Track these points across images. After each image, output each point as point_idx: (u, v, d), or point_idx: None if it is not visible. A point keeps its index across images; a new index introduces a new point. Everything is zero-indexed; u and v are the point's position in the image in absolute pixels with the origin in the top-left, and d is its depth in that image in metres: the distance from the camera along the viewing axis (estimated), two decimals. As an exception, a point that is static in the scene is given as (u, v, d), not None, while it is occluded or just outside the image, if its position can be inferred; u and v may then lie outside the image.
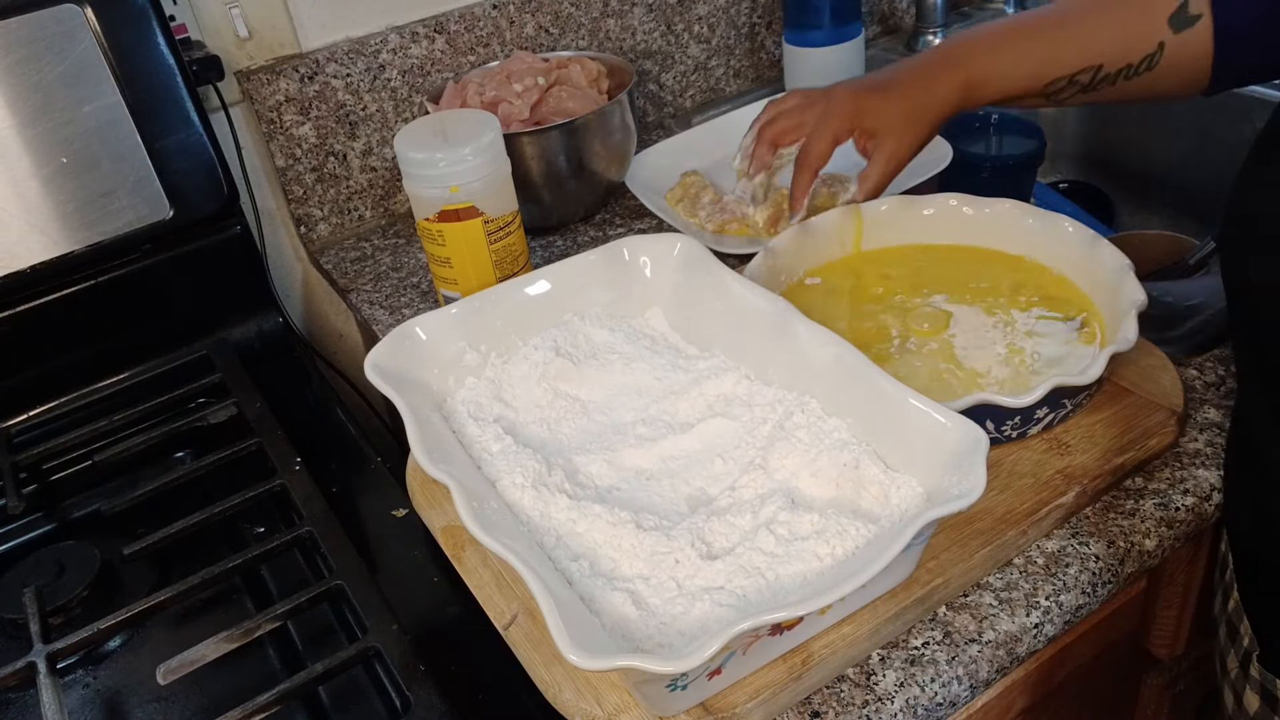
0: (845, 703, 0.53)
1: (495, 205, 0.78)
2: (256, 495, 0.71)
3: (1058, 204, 1.08)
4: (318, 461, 0.74)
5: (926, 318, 0.71)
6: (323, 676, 0.57)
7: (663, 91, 1.20)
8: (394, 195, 1.08)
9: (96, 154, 0.82)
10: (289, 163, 1.00)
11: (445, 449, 0.59)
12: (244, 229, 0.93)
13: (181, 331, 0.91)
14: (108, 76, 0.82)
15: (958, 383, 0.65)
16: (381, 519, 0.71)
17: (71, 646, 0.61)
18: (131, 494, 0.73)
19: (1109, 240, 0.69)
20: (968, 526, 0.58)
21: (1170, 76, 0.65)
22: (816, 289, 0.76)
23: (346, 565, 0.63)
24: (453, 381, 0.67)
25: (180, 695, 0.61)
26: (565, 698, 0.52)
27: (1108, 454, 0.62)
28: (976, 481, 0.49)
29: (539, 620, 0.54)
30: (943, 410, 0.53)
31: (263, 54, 0.97)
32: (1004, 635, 0.55)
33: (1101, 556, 0.59)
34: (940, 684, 0.53)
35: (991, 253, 0.76)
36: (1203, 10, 0.62)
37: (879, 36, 1.33)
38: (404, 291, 0.94)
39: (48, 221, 0.82)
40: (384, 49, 1.00)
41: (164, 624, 0.67)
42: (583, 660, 0.43)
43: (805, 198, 0.77)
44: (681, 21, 1.17)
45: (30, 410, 0.85)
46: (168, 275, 0.89)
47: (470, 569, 0.61)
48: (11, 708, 0.63)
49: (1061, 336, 0.68)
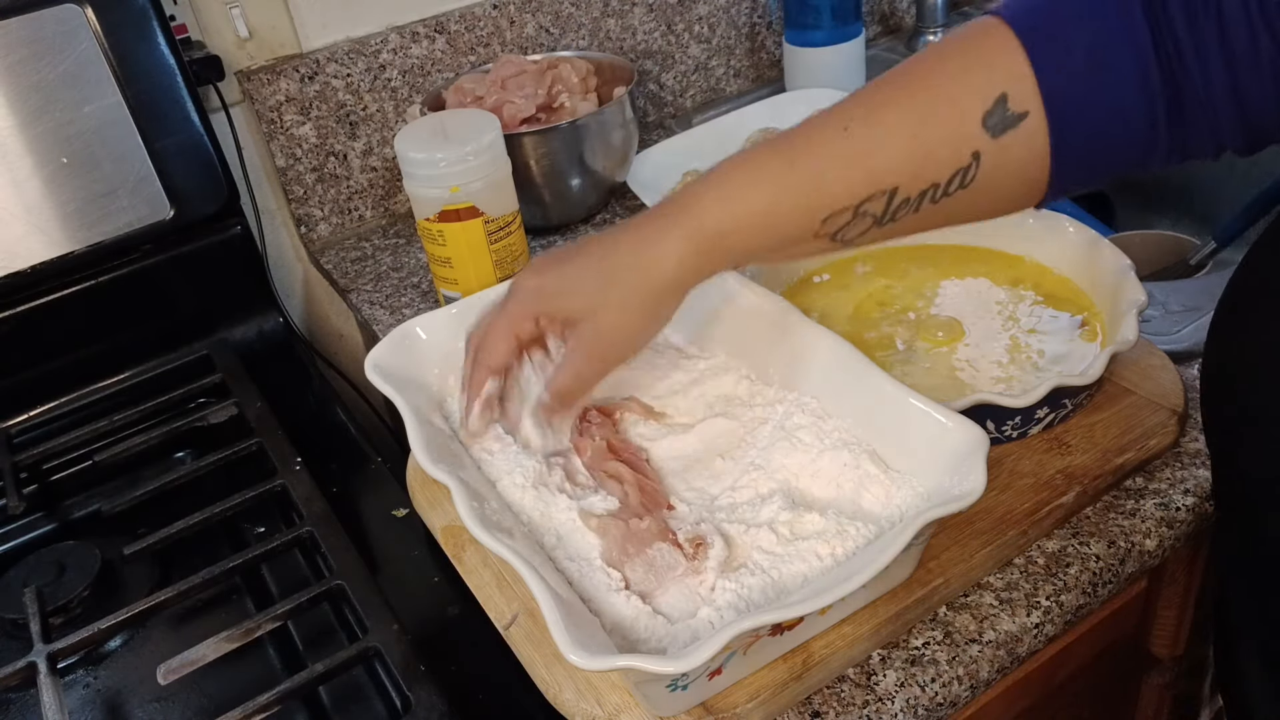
0: (846, 703, 0.53)
1: (496, 205, 0.78)
2: (257, 495, 0.71)
3: (1058, 204, 1.08)
4: (318, 461, 0.74)
5: (940, 327, 0.70)
6: (323, 676, 0.57)
7: (663, 91, 1.20)
8: (394, 195, 1.08)
9: (97, 154, 0.82)
10: (289, 163, 1.00)
11: (446, 449, 0.59)
12: (244, 229, 0.93)
13: (182, 331, 0.91)
14: (108, 76, 0.82)
15: (961, 383, 0.65)
16: (382, 519, 0.71)
17: (72, 646, 0.61)
18: (132, 494, 0.73)
19: (1109, 240, 0.69)
20: (968, 526, 0.58)
21: (992, 192, 0.49)
22: (826, 285, 0.76)
23: (347, 565, 0.63)
24: (453, 381, 0.67)
25: (181, 695, 0.61)
26: (566, 698, 0.52)
27: (1108, 454, 0.62)
28: (977, 482, 0.49)
29: (539, 620, 0.54)
30: (943, 410, 0.53)
31: (263, 54, 0.97)
32: (1004, 635, 0.55)
33: (1102, 556, 0.59)
34: (941, 684, 0.53)
35: (992, 253, 0.76)
36: (1028, 107, 0.46)
37: (879, 36, 1.33)
38: (404, 291, 0.94)
39: (48, 221, 0.82)
40: (384, 49, 1.00)
41: (164, 624, 0.67)
42: (583, 660, 0.43)
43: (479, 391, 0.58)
44: (682, 21, 1.17)
45: (31, 410, 0.84)
46: (168, 275, 0.89)
47: (470, 569, 0.61)
48: (12, 708, 0.63)
49: (1064, 334, 0.68)
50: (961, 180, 0.48)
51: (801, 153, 0.50)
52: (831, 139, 0.49)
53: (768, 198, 0.50)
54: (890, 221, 0.49)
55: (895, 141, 0.48)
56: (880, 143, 0.48)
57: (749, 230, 0.51)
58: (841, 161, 0.49)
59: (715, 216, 0.50)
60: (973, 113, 0.46)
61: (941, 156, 0.47)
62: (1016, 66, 0.45)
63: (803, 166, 0.49)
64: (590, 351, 0.54)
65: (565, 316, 0.54)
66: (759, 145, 0.51)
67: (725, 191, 0.51)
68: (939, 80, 0.48)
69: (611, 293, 0.52)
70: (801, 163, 0.49)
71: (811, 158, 0.49)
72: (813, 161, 0.49)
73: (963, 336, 0.69)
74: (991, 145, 0.47)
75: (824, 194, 0.49)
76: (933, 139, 0.47)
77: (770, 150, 0.51)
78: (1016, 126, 0.46)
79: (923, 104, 0.48)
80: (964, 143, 0.47)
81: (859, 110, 0.49)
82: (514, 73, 0.95)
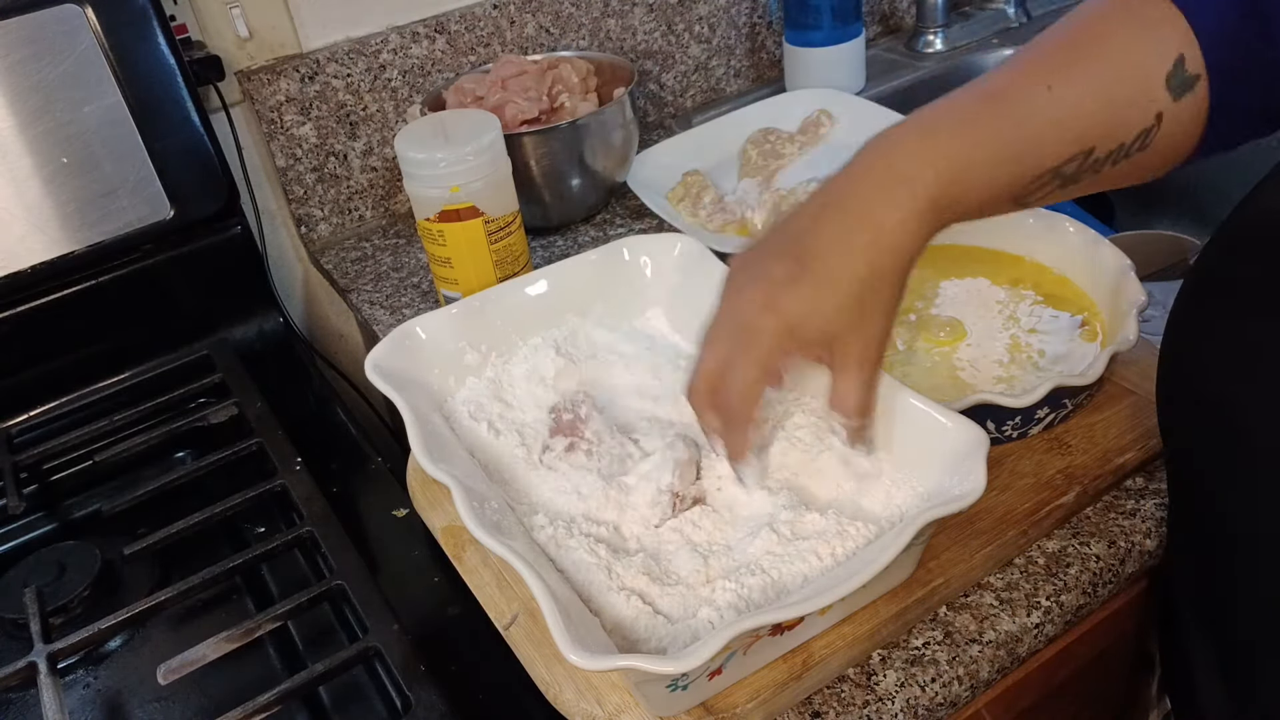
0: (846, 703, 0.53)
1: (496, 205, 0.78)
2: (257, 495, 0.70)
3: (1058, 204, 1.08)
4: (318, 461, 0.74)
5: (942, 327, 0.70)
6: (323, 676, 0.57)
7: (663, 91, 1.20)
8: (394, 195, 1.08)
9: (97, 154, 0.82)
10: (289, 163, 1.00)
11: (446, 449, 0.59)
12: (244, 229, 0.93)
13: (182, 331, 0.91)
14: (108, 76, 0.82)
15: (961, 383, 0.65)
16: (382, 519, 0.71)
17: (72, 646, 0.61)
18: (132, 494, 0.73)
19: (1109, 240, 0.69)
20: (968, 526, 0.58)
21: (1161, 153, 0.50)
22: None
23: (347, 565, 0.63)
24: (453, 381, 0.67)
25: (181, 695, 0.61)
26: (566, 698, 0.52)
27: (1109, 454, 0.62)
28: (977, 482, 0.49)
29: (539, 620, 0.54)
30: (943, 410, 0.53)
31: (263, 54, 0.97)
32: (1005, 635, 0.55)
33: (1102, 557, 0.59)
34: (941, 684, 0.53)
35: (992, 253, 0.76)
36: (1199, 69, 0.47)
37: (879, 36, 1.33)
38: (404, 291, 0.94)
39: (48, 221, 0.82)
40: (384, 49, 1.00)
41: (164, 624, 0.67)
42: (583, 660, 0.43)
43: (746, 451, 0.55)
44: (682, 21, 1.17)
45: (31, 410, 0.84)
46: (168, 275, 0.89)
47: (471, 569, 0.61)
48: (12, 708, 0.63)
49: (1065, 334, 0.68)
50: (1143, 142, 0.48)
51: (1012, 114, 0.48)
52: (1037, 97, 0.48)
53: (985, 163, 0.48)
54: (1073, 183, 0.50)
55: (1092, 103, 0.48)
56: (1080, 103, 0.48)
57: (967, 196, 0.48)
58: (1052, 123, 0.48)
59: (952, 180, 0.47)
60: (1157, 74, 0.47)
61: (1131, 117, 0.48)
62: (1182, 31, 0.47)
63: (1018, 129, 0.48)
64: (867, 361, 0.50)
65: (824, 343, 0.50)
66: (955, 104, 0.49)
67: (941, 159, 0.47)
68: (1121, 41, 0.48)
69: (867, 300, 0.48)
70: (1016, 125, 0.48)
71: (1022, 120, 0.48)
72: (1025, 124, 0.48)
73: (965, 336, 0.69)
74: (1173, 107, 0.48)
75: (1038, 156, 0.48)
76: (1124, 99, 0.48)
77: (976, 111, 0.48)
78: (1193, 89, 0.47)
79: (1113, 64, 0.48)
80: (1150, 104, 0.48)
81: (1053, 66, 0.48)
82: (514, 73, 0.95)
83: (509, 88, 0.93)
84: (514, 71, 0.95)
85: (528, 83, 0.94)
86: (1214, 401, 0.47)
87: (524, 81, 0.94)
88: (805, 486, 0.56)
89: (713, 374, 0.52)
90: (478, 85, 0.95)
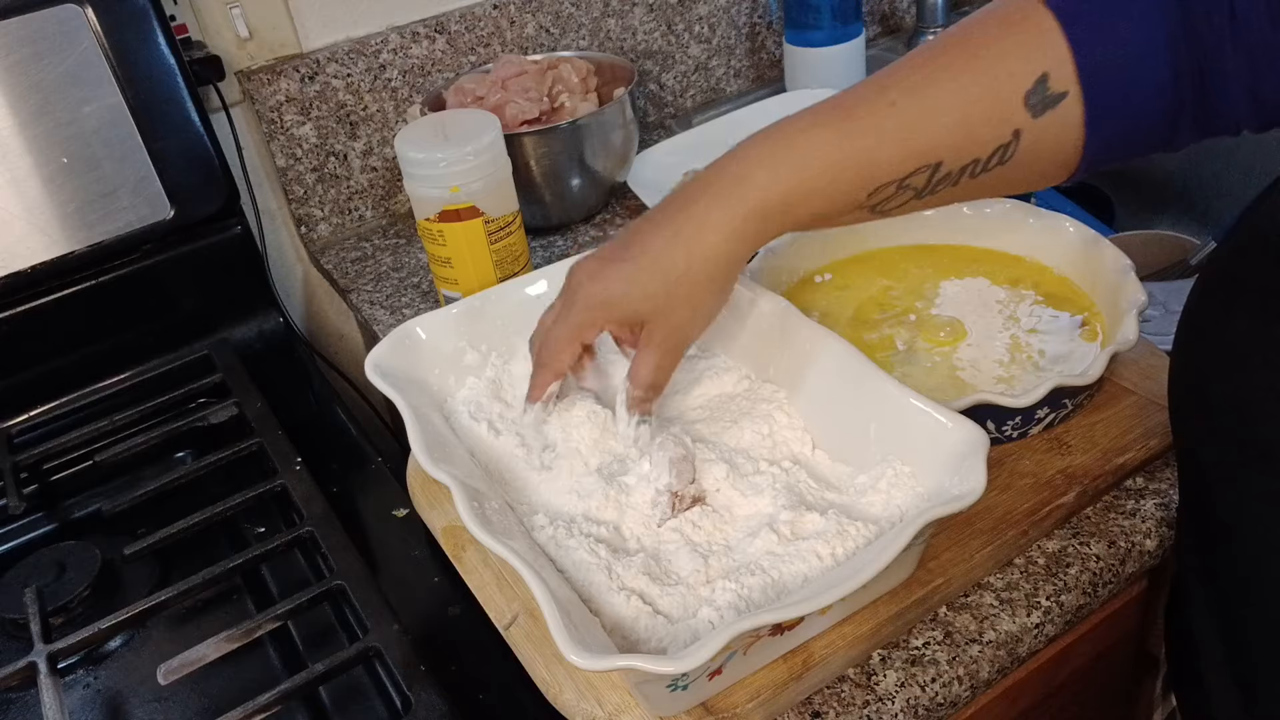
0: (846, 703, 0.53)
1: (496, 205, 0.78)
2: (257, 495, 0.71)
3: (1058, 204, 1.08)
4: (318, 461, 0.74)
5: (942, 327, 0.70)
6: (323, 676, 0.57)
7: (663, 91, 1.20)
8: (394, 195, 1.08)
9: (97, 154, 0.82)
10: (289, 163, 1.00)
11: (446, 449, 0.59)
12: (244, 229, 0.93)
13: (182, 331, 0.91)
14: (108, 76, 0.82)
15: (962, 383, 0.65)
16: (382, 519, 0.71)
17: (72, 646, 0.61)
18: (132, 494, 0.73)
19: (1109, 240, 0.69)
20: (968, 526, 0.58)
21: (1027, 168, 0.50)
22: (827, 285, 0.76)
23: (347, 565, 0.63)
24: (453, 381, 0.67)
25: (181, 695, 0.61)
26: (566, 698, 0.52)
27: (1109, 454, 0.62)
28: (977, 482, 0.49)
29: (539, 620, 0.54)
30: (944, 410, 0.53)
31: (263, 54, 0.97)
32: (1005, 635, 0.55)
33: (1102, 557, 0.59)
34: (941, 684, 0.53)
35: (992, 253, 0.76)
36: (1067, 87, 0.47)
37: (879, 36, 1.33)
38: (404, 291, 0.94)
39: (48, 221, 0.82)
40: (384, 49, 1.00)
41: (164, 624, 0.67)
42: (583, 660, 0.43)
43: (542, 394, 0.60)
44: (682, 21, 1.17)
45: (31, 410, 0.84)
46: (168, 275, 0.89)
47: (471, 569, 0.61)
48: (12, 708, 0.63)
49: (1065, 334, 0.68)
50: (1001, 156, 0.49)
51: (851, 126, 0.50)
52: (879, 111, 0.49)
53: (817, 172, 0.50)
54: (929, 194, 0.51)
55: (941, 117, 0.48)
56: (927, 118, 0.49)
57: (798, 203, 0.51)
58: (890, 137, 0.49)
59: (765, 190, 0.50)
60: (1016, 91, 0.47)
61: (984, 134, 0.48)
62: (1056, 47, 0.47)
63: (853, 141, 0.49)
64: (665, 345, 0.55)
65: (635, 321, 0.55)
66: (804, 114, 0.51)
67: (775, 164, 0.50)
68: (983, 57, 0.48)
69: (677, 290, 0.53)
70: (851, 137, 0.49)
71: (861, 132, 0.49)
72: (862, 136, 0.49)
73: (965, 336, 0.69)
74: (1032, 124, 0.48)
75: (873, 168, 0.49)
76: (977, 116, 0.48)
77: (817, 121, 0.51)
78: (1056, 106, 0.47)
79: (968, 81, 0.48)
80: (1006, 120, 0.48)
81: (904, 83, 0.50)
82: (514, 73, 0.95)
83: (509, 88, 0.93)
84: (514, 71, 0.95)
85: (528, 83, 0.94)
86: (1227, 401, 0.47)
87: (524, 81, 0.94)
88: (805, 486, 0.56)
89: (542, 325, 0.59)
90: (478, 85, 0.95)
